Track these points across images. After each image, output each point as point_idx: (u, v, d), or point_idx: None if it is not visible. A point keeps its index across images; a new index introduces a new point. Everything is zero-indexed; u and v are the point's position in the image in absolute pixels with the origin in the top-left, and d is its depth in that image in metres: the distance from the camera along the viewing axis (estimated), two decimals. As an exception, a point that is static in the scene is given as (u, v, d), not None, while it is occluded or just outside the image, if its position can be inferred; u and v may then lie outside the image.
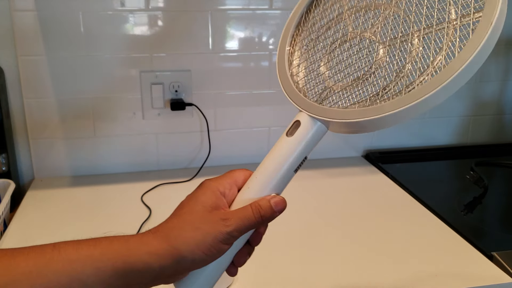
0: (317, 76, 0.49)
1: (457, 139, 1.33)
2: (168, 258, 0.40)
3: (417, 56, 0.43)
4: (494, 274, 0.74)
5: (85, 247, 0.39)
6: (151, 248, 0.40)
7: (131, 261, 0.39)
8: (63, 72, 1.05)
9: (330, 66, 0.49)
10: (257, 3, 1.10)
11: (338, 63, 0.48)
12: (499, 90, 1.31)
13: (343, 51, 0.48)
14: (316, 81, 0.49)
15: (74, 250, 0.39)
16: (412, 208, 0.97)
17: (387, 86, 0.44)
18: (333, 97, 0.47)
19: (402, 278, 0.73)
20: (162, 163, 1.17)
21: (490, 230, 0.93)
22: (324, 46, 0.50)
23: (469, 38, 0.41)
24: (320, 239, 0.85)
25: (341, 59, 0.48)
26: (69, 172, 1.12)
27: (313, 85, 0.49)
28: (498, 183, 1.15)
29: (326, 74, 0.49)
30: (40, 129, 1.08)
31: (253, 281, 0.73)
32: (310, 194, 1.04)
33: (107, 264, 0.39)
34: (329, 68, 0.49)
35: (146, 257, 0.39)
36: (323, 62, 0.49)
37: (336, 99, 0.46)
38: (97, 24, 1.04)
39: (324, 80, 0.48)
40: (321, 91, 0.48)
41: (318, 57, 0.50)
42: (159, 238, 0.41)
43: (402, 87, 0.42)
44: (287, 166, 0.46)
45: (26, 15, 1.00)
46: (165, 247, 0.40)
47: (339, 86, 0.47)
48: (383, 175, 1.14)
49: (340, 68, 0.48)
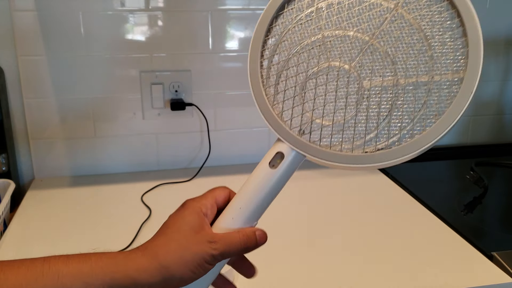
0: (295, 104, 0.47)
1: (457, 139, 1.33)
2: (156, 275, 0.41)
3: (401, 111, 0.44)
4: (494, 274, 0.74)
5: (75, 262, 0.40)
6: (140, 265, 0.41)
7: (119, 277, 0.40)
8: (63, 72, 1.05)
9: (310, 98, 0.46)
10: (257, 3, 1.10)
11: (318, 96, 0.46)
12: (499, 90, 1.31)
13: (322, 84, 0.46)
14: (296, 109, 0.46)
15: (64, 265, 0.40)
16: (412, 208, 0.97)
17: (373, 135, 0.44)
18: (317, 133, 0.45)
19: (402, 278, 0.73)
20: (162, 163, 1.17)
21: (490, 230, 0.93)
22: (299, 72, 0.47)
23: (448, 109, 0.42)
24: (320, 239, 0.85)
25: (321, 92, 0.46)
26: (69, 172, 1.12)
27: (292, 113, 0.46)
28: (498, 183, 1.15)
29: (305, 105, 0.46)
30: (40, 129, 1.08)
31: (253, 281, 0.73)
32: (310, 194, 1.04)
33: (96, 279, 0.39)
34: (309, 99, 0.46)
35: (135, 274, 0.40)
36: (302, 90, 0.47)
37: (319, 136, 0.45)
38: (97, 24, 1.04)
39: (305, 111, 0.46)
40: (302, 122, 0.46)
41: (295, 84, 0.47)
42: (148, 256, 0.41)
43: (387, 139, 0.43)
44: (271, 198, 0.47)
45: (26, 15, 1.00)
46: (154, 264, 0.41)
47: (322, 121, 0.45)
48: (383, 175, 1.14)
49: (322, 103, 0.46)
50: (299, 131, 0.46)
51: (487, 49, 1.24)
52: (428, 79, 0.43)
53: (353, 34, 0.45)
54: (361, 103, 0.44)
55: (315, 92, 0.46)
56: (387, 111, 0.44)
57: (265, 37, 0.48)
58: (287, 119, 0.46)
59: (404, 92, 0.43)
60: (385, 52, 0.44)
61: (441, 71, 0.42)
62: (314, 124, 0.46)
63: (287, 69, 0.47)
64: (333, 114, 0.45)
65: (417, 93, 0.43)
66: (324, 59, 0.46)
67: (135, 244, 0.83)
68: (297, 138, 0.45)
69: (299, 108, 0.46)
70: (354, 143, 0.45)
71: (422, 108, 0.43)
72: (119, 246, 0.82)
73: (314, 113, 0.46)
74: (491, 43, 1.25)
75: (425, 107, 0.43)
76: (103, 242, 0.83)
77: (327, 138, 0.45)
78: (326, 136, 0.45)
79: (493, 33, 1.24)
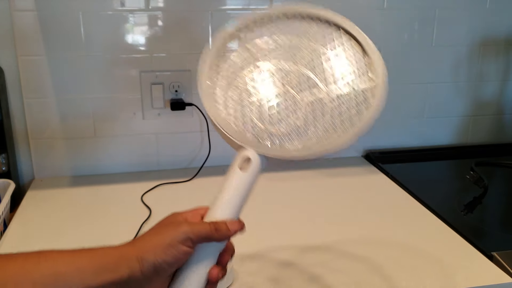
0: (245, 115, 0.56)
1: (457, 139, 1.33)
2: (133, 260, 0.44)
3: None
4: (494, 274, 0.74)
5: (69, 252, 0.45)
6: (122, 252, 0.45)
7: (108, 263, 0.44)
8: (63, 72, 1.05)
9: (259, 109, 0.56)
10: (257, 3, 1.10)
11: (269, 109, 0.56)
12: (499, 90, 1.31)
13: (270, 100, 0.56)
14: (250, 120, 0.55)
15: (58, 254, 0.44)
16: (412, 208, 0.98)
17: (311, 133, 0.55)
18: (272, 138, 0.55)
19: (402, 277, 0.73)
20: (162, 163, 1.17)
21: (490, 230, 0.93)
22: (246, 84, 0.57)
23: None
24: (320, 238, 0.85)
25: (270, 106, 0.56)
26: (69, 172, 1.12)
27: (246, 122, 0.55)
28: (498, 183, 1.15)
29: (256, 116, 0.55)
30: (40, 129, 1.08)
31: (253, 281, 0.73)
32: (310, 194, 1.04)
33: (87, 265, 0.44)
34: (259, 111, 0.56)
35: (118, 260, 0.45)
36: (251, 99, 0.56)
37: (275, 140, 0.55)
38: (97, 24, 1.04)
39: (257, 122, 0.55)
40: (257, 130, 0.55)
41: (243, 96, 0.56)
42: (129, 245, 0.46)
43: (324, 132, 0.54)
44: (245, 198, 0.52)
45: (26, 15, 1.00)
46: (131, 250, 0.45)
47: (274, 130, 0.55)
48: (383, 175, 1.14)
49: (272, 115, 0.56)
50: (257, 139, 0.55)
51: (487, 49, 1.24)
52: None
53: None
54: (298, 114, 0.55)
55: (272, 112, 0.56)
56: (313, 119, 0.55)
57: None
58: (248, 131, 0.55)
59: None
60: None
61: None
62: (269, 132, 0.55)
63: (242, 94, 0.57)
64: (278, 124, 0.55)
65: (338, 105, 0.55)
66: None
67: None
68: (260, 144, 0.54)
69: (253, 121, 0.56)
70: (296, 142, 0.55)
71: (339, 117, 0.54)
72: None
73: (267, 124, 0.56)
74: (491, 43, 1.25)
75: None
76: (103, 242, 0.83)
77: (279, 141, 0.55)
78: (277, 140, 0.55)
79: (493, 33, 1.24)
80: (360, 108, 0.54)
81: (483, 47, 1.25)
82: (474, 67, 1.27)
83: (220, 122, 0.54)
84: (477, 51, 1.25)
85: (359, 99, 0.55)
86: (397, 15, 1.18)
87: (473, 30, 1.23)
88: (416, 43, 1.21)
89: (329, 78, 0.56)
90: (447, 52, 1.24)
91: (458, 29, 1.22)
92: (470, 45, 1.24)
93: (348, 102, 0.55)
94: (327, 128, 0.54)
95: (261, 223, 0.90)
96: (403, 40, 1.20)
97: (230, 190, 0.51)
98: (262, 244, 0.84)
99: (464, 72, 1.27)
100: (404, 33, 1.19)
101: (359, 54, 0.56)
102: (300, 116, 0.55)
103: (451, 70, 1.26)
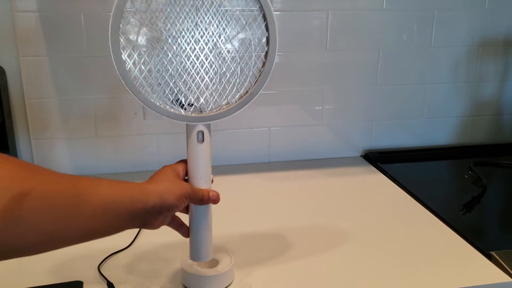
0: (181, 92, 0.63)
1: (455, 139, 1.33)
2: (156, 197, 0.58)
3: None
4: (493, 274, 0.75)
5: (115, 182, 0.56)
6: (148, 189, 0.58)
7: (137, 196, 0.56)
8: (64, 72, 1.06)
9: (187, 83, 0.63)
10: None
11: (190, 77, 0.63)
12: (498, 90, 1.31)
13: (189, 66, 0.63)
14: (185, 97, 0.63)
15: (109, 182, 0.54)
16: (411, 208, 0.98)
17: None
18: (208, 105, 0.64)
19: (401, 277, 0.74)
20: (163, 163, 1.16)
21: (489, 229, 0.93)
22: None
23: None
24: (319, 238, 0.86)
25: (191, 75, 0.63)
26: (71, 172, 1.12)
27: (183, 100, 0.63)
28: (496, 183, 1.16)
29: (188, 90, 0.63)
30: (41, 129, 1.08)
31: (253, 281, 0.73)
32: (310, 194, 1.04)
33: (128, 193, 0.55)
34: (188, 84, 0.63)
35: (146, 194, 0.57)
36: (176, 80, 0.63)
37: (210, 106, 0.64)
38: (99, 24, 1.04)
39: (190, 95, 0.63)
40: (194, 104, 0.63)
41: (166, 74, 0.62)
42: (151, 183, 0.60)
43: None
44: (210, 162, 0.66)
45: (28, 16, 1.01)
46: (154, 189, 0.59)
47: (204, 96, 0.63)
48: (382, 175, 1.15)
49: (195, 80, 0.63)
50: (198, 111, 0.64)
51: (486, 50, 1.25)
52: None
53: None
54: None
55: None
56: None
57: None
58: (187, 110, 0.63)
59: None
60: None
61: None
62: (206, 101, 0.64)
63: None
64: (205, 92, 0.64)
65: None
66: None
67: (135, 244, 0.83)
68: (203, 116, 0.63)
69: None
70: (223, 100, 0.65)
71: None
72: (119, 245, 0.82)
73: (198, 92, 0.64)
74: (489, 44, 1.25)
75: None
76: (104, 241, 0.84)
77: (211, 105, 0.65)
78: (210, 105, 0.64)
79: (491, 33, 1.25)
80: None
81: (481, 47, 1.26)
82: (473, 68, 1.27)
83: (162, 112, 0.62)
84: (476, 52, 1.26)
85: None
86: (396, 16, 1.18)
87: (472, 30, 1.24)
88: (415, 44, 1.22)
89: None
90: (446, 52, 1.24)
91: (457, 30, 1.23)
92: (469, 46, 1.25)
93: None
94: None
95: (260, 223, 0.91)
96: (402, 41, 1.20)
97: (201, 163, 0.65)
98: (262, 244, 0.84)
99: (463, 73, 1.27)
100: (403, 34, 1.20)
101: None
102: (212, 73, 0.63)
103: (450, 70, 1.26)
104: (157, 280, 0.73)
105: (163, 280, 0.73)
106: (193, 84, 0.62)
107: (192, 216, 0.67)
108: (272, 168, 1.19)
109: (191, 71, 0.62)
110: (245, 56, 0.63)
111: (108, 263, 0.77)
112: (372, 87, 1.23)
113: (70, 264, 0.76)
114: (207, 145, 0.64)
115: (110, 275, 0.73)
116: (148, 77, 0.61)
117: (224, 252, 0.75)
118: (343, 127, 1.24)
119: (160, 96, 0.62)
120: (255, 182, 1.09)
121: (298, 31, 1.15)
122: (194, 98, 0.63)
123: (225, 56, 0.63)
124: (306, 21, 1.14)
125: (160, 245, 0.83)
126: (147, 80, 0.61)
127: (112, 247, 0.81)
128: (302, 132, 1.23)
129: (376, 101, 1.24)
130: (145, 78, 0.61)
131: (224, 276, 0.70)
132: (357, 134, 1.26)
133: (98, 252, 0.79)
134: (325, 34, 1.16)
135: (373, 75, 1.22)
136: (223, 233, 0.86)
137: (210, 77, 0.63)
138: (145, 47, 0.60)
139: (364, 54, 1.19)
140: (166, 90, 0.62)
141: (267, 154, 1.22)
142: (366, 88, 1.23)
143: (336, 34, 1.16)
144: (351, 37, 1.17)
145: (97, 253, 0.79)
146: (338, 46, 1.17)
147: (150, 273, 0.75)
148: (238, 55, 0.64)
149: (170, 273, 0.75)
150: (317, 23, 1.15)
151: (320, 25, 1.15)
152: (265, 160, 1.22)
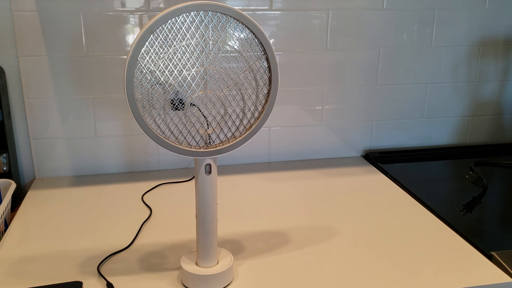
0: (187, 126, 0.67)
1: (456, 139, 1.33)
2: None
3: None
4: (493, 274, 0.75)
5: None
6: None
7: None
8: (64, 72, 1.06)
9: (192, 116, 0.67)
10: (257, 4, 1.10)
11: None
12: (498, 90, 1.31)
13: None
14: (190, 132, 0.67)
15: None
16: (412, 208, 0.98)
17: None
18: (212, 139, 0.68)
19: (401, 277, 0.74)
20: (163, 163, 1.17)
21: (489, 229, 0.93)
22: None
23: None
24: (319, 238, 0.86)
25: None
26: (70, 172, 1.12)
27: (189, 135, 0.67)
28: (497, 183, 1.16)
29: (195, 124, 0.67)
30: (41, 129, 1.08)
31: (252, 281, 0.73)
32: (310, 194, 1.04)
33: None
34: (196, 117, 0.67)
35: None
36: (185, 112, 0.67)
37: (215, 139, 0.68)
38: (98, 24, 1.04)
39: (198, 130, 0.67)
40: (199, 138, 0.67)
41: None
42: None
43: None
44: (216, 192, 0.70)
45: (27, 16, 1.01)
46: None
47: (211, 130, 0.68)
48: (383, 175, 1.14)
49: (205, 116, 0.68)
50: (206, 145, 0.68)
51: (486, 50, 1.25)
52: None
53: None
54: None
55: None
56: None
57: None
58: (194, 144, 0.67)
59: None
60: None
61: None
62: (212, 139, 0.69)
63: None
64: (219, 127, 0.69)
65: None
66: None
67: (135, 244, 0.83)
68: (210, 151, 0.67)
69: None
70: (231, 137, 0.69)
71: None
72: (120, 245, 0.82)
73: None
74: (490, 44, 1.25)
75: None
76: (104, 241, 0.84)
77: (217, 139, 0.69)
78: (216, 139, 0.69)
79: (492, 33, 1.24)
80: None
81: (482, 47, 1.26)
82: (473, 68, 1.27)
83: (173, 149, 0.65)
84: (476, 52, 1.26)
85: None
86: (396, 15, 1.18)
87: (472, 30, 1.24)
88: (416, 44, 1.22)
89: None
90: (446, 52, 1.24)
91: (457, 30, 1.23)
92: (469, 46, 1.25)
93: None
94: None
95: (260, 223, 0.91)
96: (403, 40, 1.20)
97: (209, 192, 0.69)
98: (262, 243, 0.84)
99: (463, 73, 1.27)
100: (403, 33, 1.20)
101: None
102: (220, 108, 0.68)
103: (450, 70, 1.26)
104: (157, 280, 0.73)
105: (163, 280, 0.73)
106: (203, 121, 0.68)
107: (199, 223, 0.70)
108: (272, 168, 1.19)
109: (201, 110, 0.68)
110: (248, 92, 0.68)
111: (108, 263, 0.77)
112: (372, 87, 1.23)
113: (70, 264, 0.76)
114: (214, 176, 0.69)
115: (110, 275, 0.73)
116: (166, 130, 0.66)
117: (224, 252, 0.75)
118: (343, 127, 1.24)
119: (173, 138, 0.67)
120: (255, 182, 1.09)
121: (298, 30, 1.14)
122: (202, 134, 0.67)
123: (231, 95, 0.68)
124: (307, 20, 1.14)
125: (160, 245, 0.83)
126: (165, 130, 0.66)
127: (112, 247, 0.81)
128: (302, 132, 1.22)
129: (376, 101, 1.24)
130: (164, 132, 0.66)
131: (224, 276, 0.70)
132: (357, 134, 1.25)
133: (98, 252, 0.79)
134: (325, 33, 1.16)
135: (373, 75, 1.21)
136: (223, 233, 0.86)
137: (217, 114, 0.68)
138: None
139: (364, 53, 1.18)
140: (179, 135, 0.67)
141: (267, 154, 1.22)
142: (366, 88, 1.22)
143: (336, 33, 1.16)
144: (351, 36, 1.17)
145: (97, 253, 0.79)
146: (338, 46, 1.17)
147: (150, 273, 0.75)
148: (245, 95, 0.68)
149: (170, 273, 0.74)
150: (317, 22, 1.15)
151: (320, 25, 1.15)
152: (265, 160, 1.22)
